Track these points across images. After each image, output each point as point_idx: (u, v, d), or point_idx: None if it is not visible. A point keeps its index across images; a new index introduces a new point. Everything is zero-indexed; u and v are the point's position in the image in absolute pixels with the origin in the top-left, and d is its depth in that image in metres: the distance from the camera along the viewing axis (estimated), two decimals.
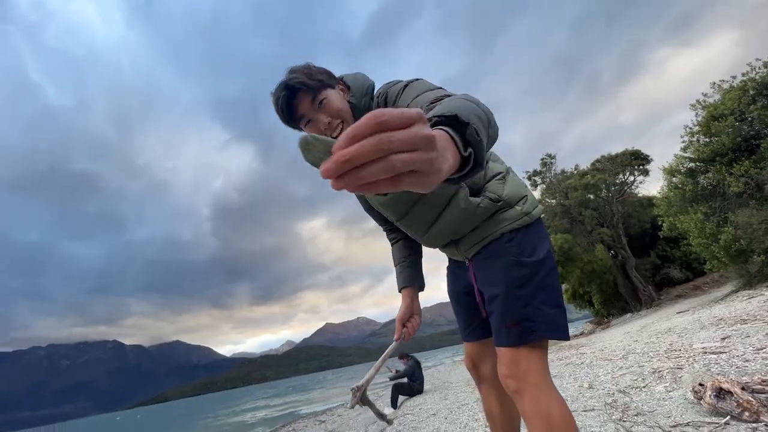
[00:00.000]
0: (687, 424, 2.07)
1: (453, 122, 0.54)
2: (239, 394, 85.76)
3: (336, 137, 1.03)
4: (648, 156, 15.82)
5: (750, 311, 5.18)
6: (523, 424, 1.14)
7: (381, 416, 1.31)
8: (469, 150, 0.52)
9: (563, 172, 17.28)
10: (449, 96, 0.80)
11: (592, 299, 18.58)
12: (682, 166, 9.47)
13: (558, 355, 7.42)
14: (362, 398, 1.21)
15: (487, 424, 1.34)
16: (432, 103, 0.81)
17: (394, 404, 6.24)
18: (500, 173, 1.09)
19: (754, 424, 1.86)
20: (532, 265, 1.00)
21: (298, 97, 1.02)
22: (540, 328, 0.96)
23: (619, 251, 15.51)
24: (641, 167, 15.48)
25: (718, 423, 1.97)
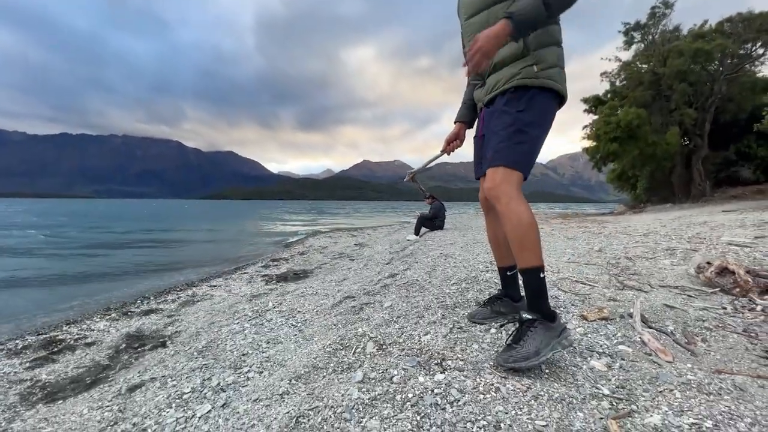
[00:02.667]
0: (675, 287, 2.34)
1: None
2: (285, 205, 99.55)
3: None
4: None
5: None
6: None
7: (424, 194, 2.21)
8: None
9: (676, 29, 13.78)
10: None
11: (636, 184, 17.84)
12: None
13: (580, 225, 7.77)
14: (413, 179, 1.79)
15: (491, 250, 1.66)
16: None
17: (417, 232, 7.17)
18: (554, 43, 1.30)
19: (739, 299, 2.08)
20: (516, 114, 1.29)
21: None
22: (502, 158, 1.29)
23: (695, 138, 13.82)
24: None
25: (705, 291, 2.22)
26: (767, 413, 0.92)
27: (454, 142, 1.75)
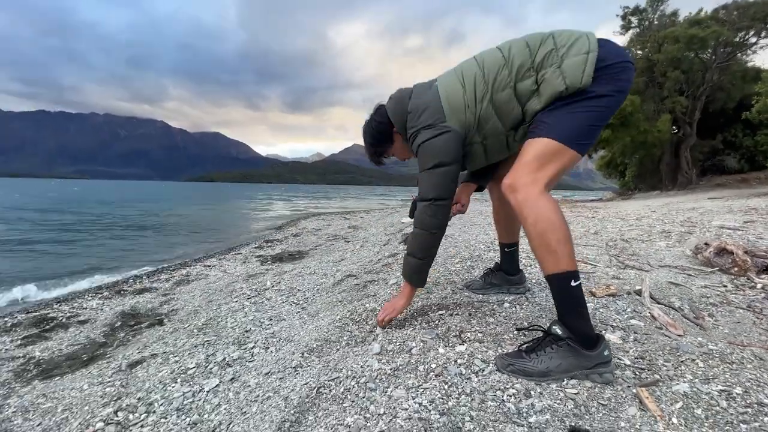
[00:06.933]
0: (675, 267, 2.37)
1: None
2: (278, 188, 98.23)
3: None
4: None
5: None
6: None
7: None
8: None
9: (674, 14, 13.74)
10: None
11: (625, 171, 18.07)
12: None
13: (572, 210, 7.85)
14: None
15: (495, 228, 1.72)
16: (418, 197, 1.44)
17: (411, 214, 7.14)
18: (532, 92, 1.14)
19: (738, 278, 2.12)
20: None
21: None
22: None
23: (684, 127, 14.00)
24: None
25: (704, 270, 2.26)
26: None
27: (455, 205, 1.63)
